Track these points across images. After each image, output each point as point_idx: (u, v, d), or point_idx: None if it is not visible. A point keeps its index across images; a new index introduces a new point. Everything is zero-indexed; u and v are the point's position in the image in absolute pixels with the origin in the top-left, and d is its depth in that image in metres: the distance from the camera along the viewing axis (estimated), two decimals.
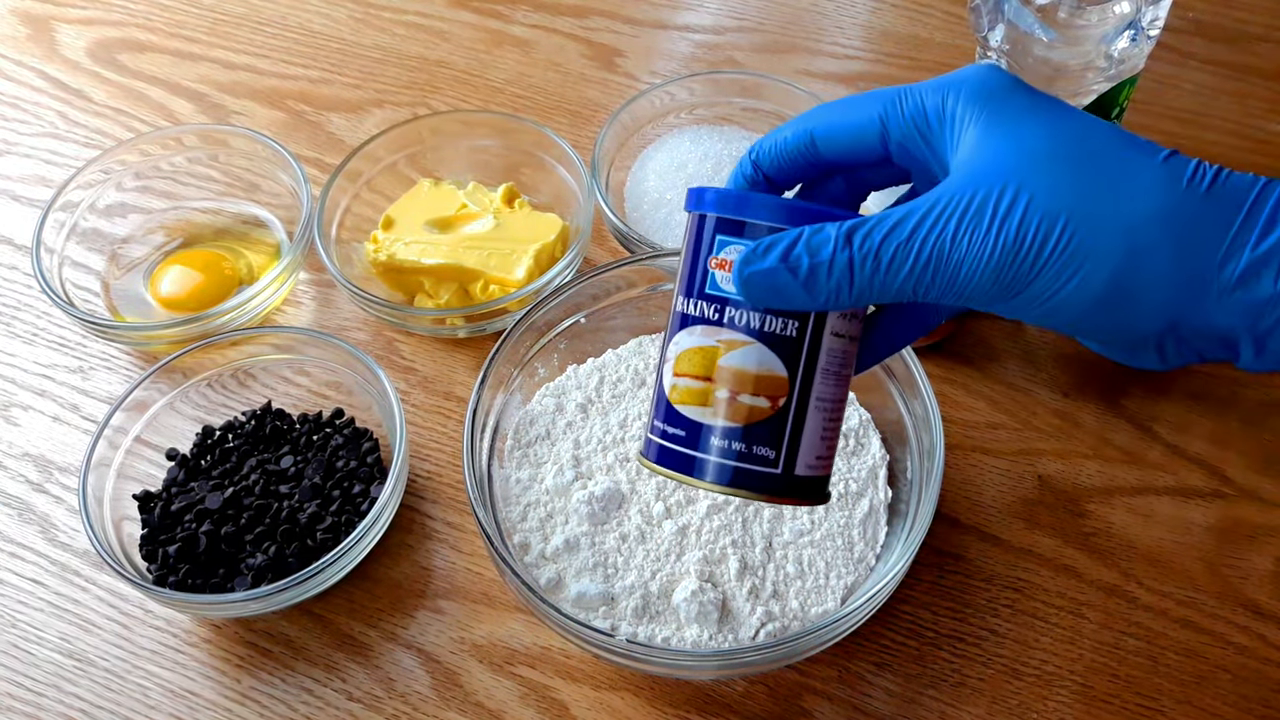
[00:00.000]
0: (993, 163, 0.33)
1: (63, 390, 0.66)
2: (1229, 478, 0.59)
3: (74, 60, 0.85)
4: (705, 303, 0.38)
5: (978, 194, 0.33)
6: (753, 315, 0.38)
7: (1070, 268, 0.32)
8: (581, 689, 0.53)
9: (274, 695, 0.54)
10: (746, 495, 0.39)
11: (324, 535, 0.55)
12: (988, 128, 0.34)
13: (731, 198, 0.38)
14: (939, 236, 0.33)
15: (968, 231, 0.32)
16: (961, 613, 0.55)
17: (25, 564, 0.59)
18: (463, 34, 0.85)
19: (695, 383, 0.38)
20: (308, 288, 0.70)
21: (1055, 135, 0.33)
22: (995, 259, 0.32)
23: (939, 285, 0.33)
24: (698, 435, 0.39)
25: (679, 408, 0.39)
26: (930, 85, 0.37)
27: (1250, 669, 0.52)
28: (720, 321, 0.38)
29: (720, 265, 0.37)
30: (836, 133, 0.38)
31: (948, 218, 0.33)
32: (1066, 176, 0.32)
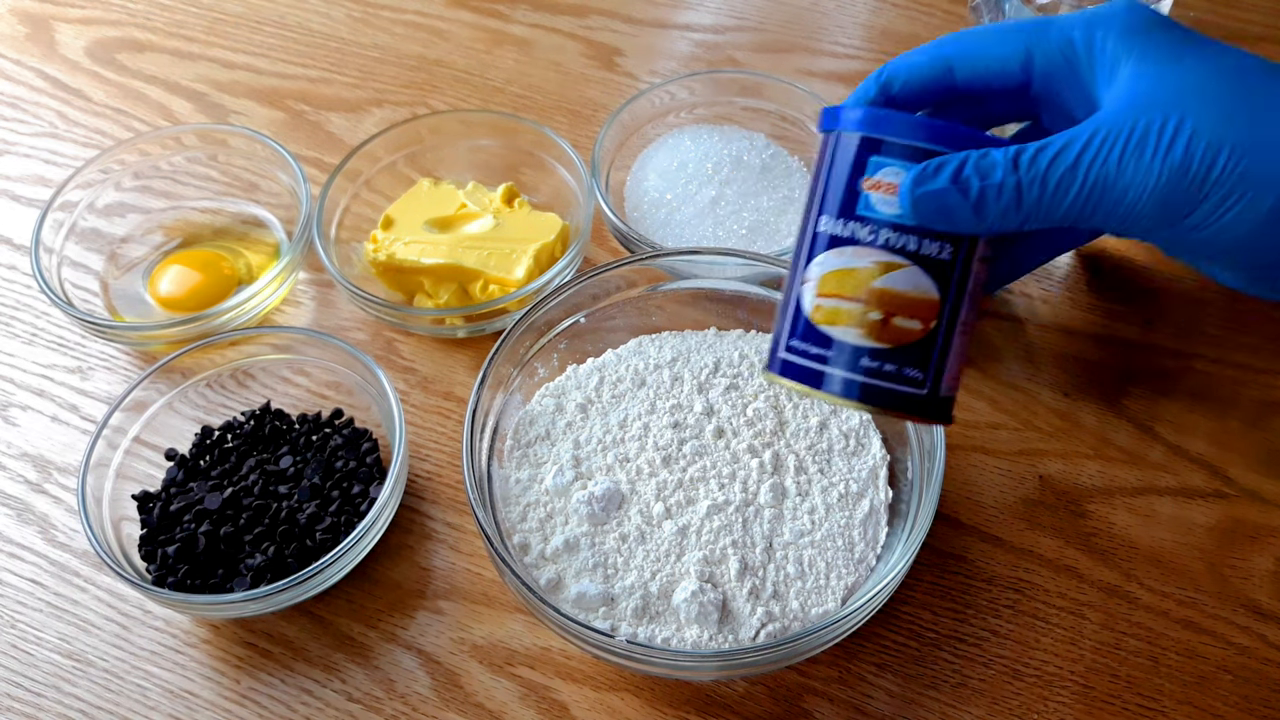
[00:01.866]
0: (1152, 94, 0.34)
1: (61, 390, 0.66)
2: (1230, 478, 0.58)
3: (73, 60, 0.85)
4: (857, 224, 0.38)
5: (1138, 123, 0.34)
6: (909, 238, 0.38)
7: (1236, 193, 0.32)
8: (581, 689, 0.53)
9: (273, 696, 0.54)
10: (890, 413, 0.40)
11: (323, 536, 0.55)
12: (1143, 61, 0.35)
13: (883, 118, 0.37)
14: (1104, 162, 0.34)
15: (1132, 158, 0.33)
16: (962, 613, 0.55)
17: (24, 564, 0.59)
18: (462, 33, 0.85)
19: (844, 303, 0.38)
20: (307, 287, 0.70)
21: (1212, 68, 0.34)
22: (1160, 185, 0.33)
23: (1103, 210, 0.34)
24: (845, 354, 0.39)
25: (823, 328, 0.39)
26: (1076, 19, 0.37)
27: (1251, 669, 0.52)
28: (874, 243, 0.38)
29: (875, 187, 0.37)
30: (976, 60, 0.38)
31: (1111, 144, 0.34)
32: (1228, 107, 0.33)
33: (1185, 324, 0.65)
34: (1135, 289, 0.67)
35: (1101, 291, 0.66)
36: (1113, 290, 0.67)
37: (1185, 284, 0.67)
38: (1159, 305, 0.66)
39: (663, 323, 0.61)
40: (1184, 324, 0.65)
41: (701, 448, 0.55)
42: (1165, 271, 0.67)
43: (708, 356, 0.59)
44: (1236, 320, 0.65)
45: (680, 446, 0.55)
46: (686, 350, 0.60)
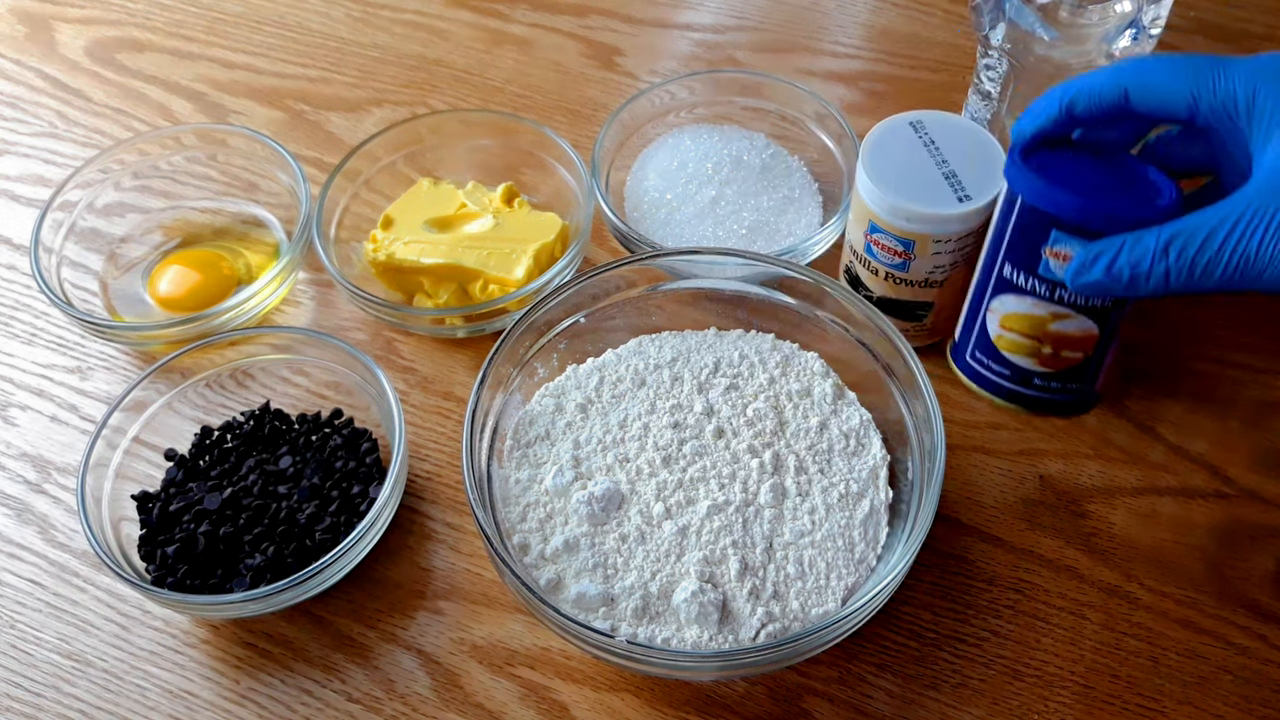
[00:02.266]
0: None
1: (61, 390, 0.66)
2: (1230, 478, 0.58)
3: (73, 60, 0.85)
4: (1037, 281, 0.46)
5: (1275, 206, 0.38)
6: (1079, 297, 0.47)
7: None
8: (581, 690, 0.53)
9: (273, 696, 0.54)
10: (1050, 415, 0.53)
11: (323, 536, 0.55)
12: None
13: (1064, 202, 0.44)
14: (1244, 248, 0.38)
15: (1272, 244, 0.38)
16: (963, 614, 0.55)
17: (23, 565, 0.59)
18: (462, 33, 0.85)
19: (1022, 338, 0.49)
20: (306, 287, 0.70)
21: None
22: None
23: (1244, 283, 0.39)
24: (1020, 374, 0.50)
25: (1005, 353, 0.50)
26: (1243, 69, 0.41)
27: (1251, 669, 0.52)
28: (1050, 298, 0.47)
29: (1054, 255, 0.45)
30: (1149, 93, 0.42)
31: (1253, 230, 0.38)
32: None
33: (1185, 324, 0.65)
34: None
35: None
36: None
37: None
38: (1159, 305, 0.65)
39: (663, 323, 0.61)
40: (1184, 324, 0.65)
41: (701, 448, 0.55)
42: None
43: (708, 356, 0.59)
44: (1237, 320, 0.65)
45: (680, 446, 0.55)
46: (686, 350, 0.60)
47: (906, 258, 0.57)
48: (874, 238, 0.57)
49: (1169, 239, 0.40)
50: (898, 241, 0.56)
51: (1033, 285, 0.48)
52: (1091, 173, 0.46)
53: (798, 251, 0.64)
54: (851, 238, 0.60)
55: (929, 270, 0.57)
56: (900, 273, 0.58)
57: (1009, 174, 0.47)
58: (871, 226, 0.57)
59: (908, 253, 0.56)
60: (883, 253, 0.57)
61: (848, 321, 0.57)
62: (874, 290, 0.60)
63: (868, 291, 0.60)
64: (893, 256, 0.57)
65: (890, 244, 0.56)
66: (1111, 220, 0.43)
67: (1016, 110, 0.60)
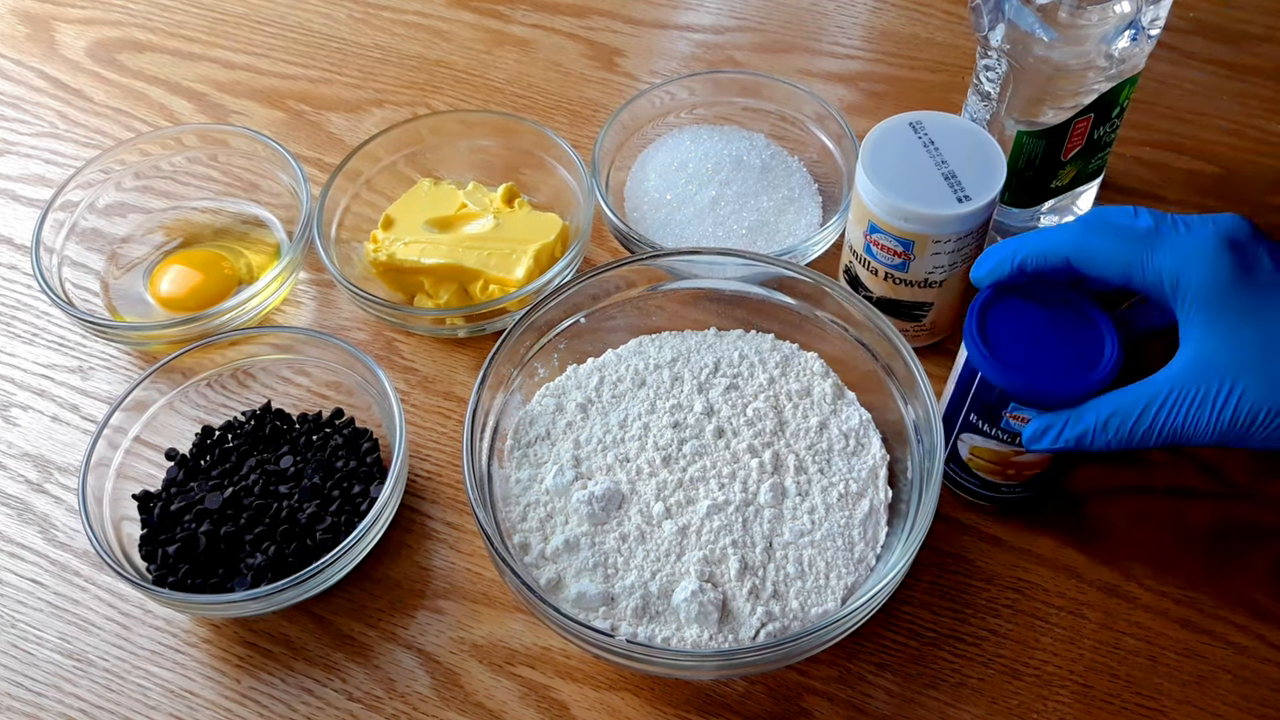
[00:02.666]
0: (1214, 361, 0.45)
1: (62, 390, 0.66)
2: (1229, 478, 0.59)
3: (74, 60, 0.85)
4: (1000, 430, 0.52)
5: (1201, 389, 0.45)
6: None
7: (1274, 436, 0.45)
8: (582, 689, 0.53)
9: (274, 695, 0.54)
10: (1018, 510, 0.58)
11: (324, 535, 0.55)
12: (1211, 328, 0.45)
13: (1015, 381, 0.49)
14: (1171, 422, 0.46)
15: (1194, 419, 0.45)
16: (961, 613, 0.55)
17: (25, 564, 0.59)
18: (462, 33, 0.85)
19: (990, 464, 0.54)
20: (307, 287, 0.70)
21: (1265, 340, 0.45)
22: (1214, 437, 0.45)
23: (1172, 445, 0.46)
24: (990, 487, 0.56)
25: (976, 471, 0.55)
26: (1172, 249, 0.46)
27: (1250, 669, 0.52)
28: (1012, 443, 0.52)
29: (1013, 417, 0.51)
30: (1089, 263, 0.48)
31: (1179, 407, 0.45)
32: (1273, 375, 0.44)
33: None
34: None
35: None
36: None
37: None
38: None
39: (663, 323, 0.61)
40: None
41: (701, 448, 0.55)
42: None
43: (708, 356, 0.59)
44: None
45: (680, 446, 0.55)
46: (686, 350, 0.60)
47: (906, 258, 0.57)
48: (873, 238, 0.57)
49: (1107, 417, 0.47)
50: (897, 242, 0.56)
51: (996, 433, 0.53)
52: (1043, 337, 0.50)
53: (798, 252, 0.64)
54: (851, 238, 0.60)
55: (928, 270, 0.57)
56: (900, 273, 0.58)
57: (969, 347, 0.50)
58: (871, 227, 0.57)
59: (907, 253, 0.56)
60: (882, 253, 0.58)
61: (847, 321, 0.57)
62: (874, 290, 0.60)
63: (867, 292, 0.61)
64: (892, 257, 0.57)
65: (890, 244, 0.57)
66: (1058, 399, 0.49)
67: (1016, 111, 0.60)
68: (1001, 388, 0.50)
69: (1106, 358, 0.49)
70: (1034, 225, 0.66)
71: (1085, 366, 0.49)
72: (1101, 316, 0.51)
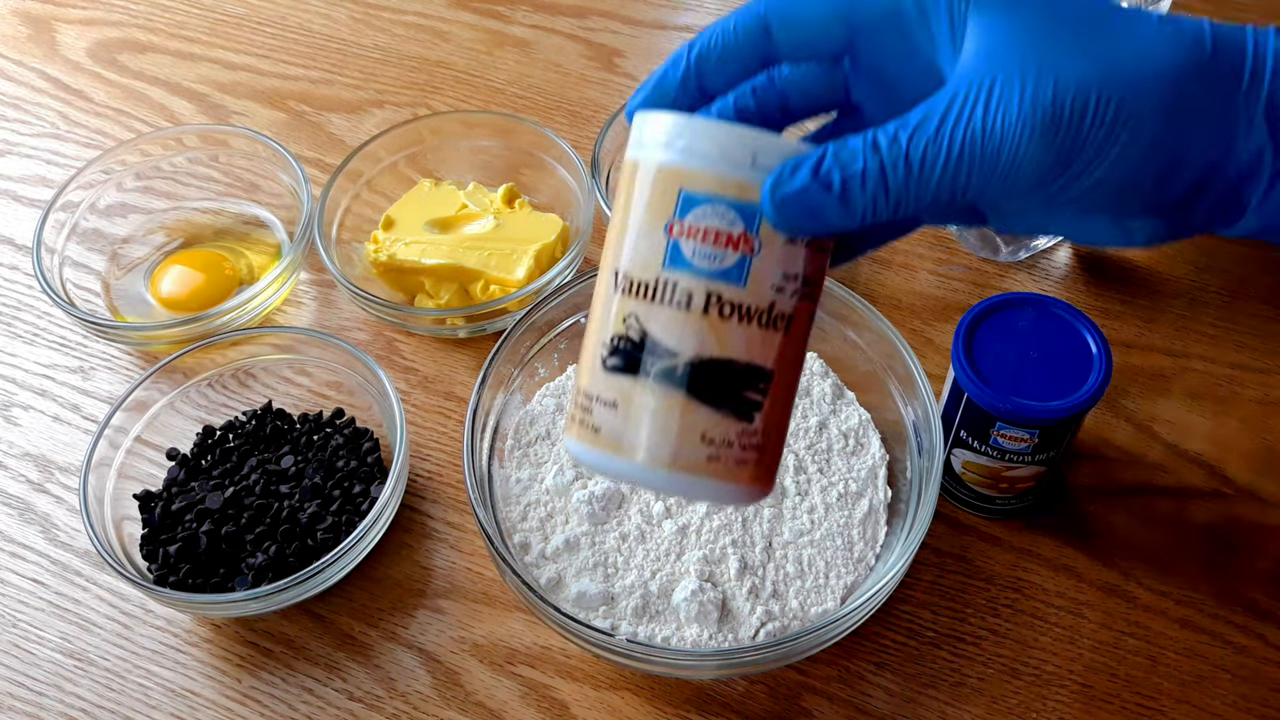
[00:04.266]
0: (1006, 43, 0.32)
1: (63, 390, 0.66)
2: (1228, 477, 0.59)
3: (75, 61, 0.85)
4: (989, 447, 0.50)
5: (998, 78, 0.31)
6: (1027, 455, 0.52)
7: (1117, 125, 0.31)
8: (582, 688, 0.53)
9: (274, 695, 0.54)
10: (1013, 519, 0.57)
11: (324, 535, 0.55)
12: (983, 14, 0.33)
13: (1000, 403, 0.48)
14: (969, 125, 0.31)
15: (998, 113, 0.31)
16: (961, 612, 0.55)
17: (26, 564, 0.59)
18: (463, 34, 0.85)
19: (982, 478, 0.54)
20: (308, 288, 0.71)
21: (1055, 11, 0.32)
22: (1035, 137, 0.31)
23: (981, 174, 0.31)
24: (984, 499, 0.56)
25: (968, 484, 0.55)
26: None
27: (1249, 668, 0.52)
28: (1002, 458, 0.51)
29: (1001, 436, 0.50)
30: (795, 17, 0.35)
31: (973, 104, 0.31)
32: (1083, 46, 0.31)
33: (1183, 324, 0.65)
34: (1134, 289, 0.67)
35: (1100, 292, 0.67)
36: (1112, 290, 0.67)
37: (1184, 284, 0.67)
38: (1158, 305, 0.66)
39: None
40: (1182, 324, 0.65)
41: None
42: (1164, 272, 0.67)
43: None
44: (1234, 320, 0.65)
45: None
46: None
47: (747, 250, 0.33)
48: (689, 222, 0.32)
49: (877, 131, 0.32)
50: (735, 213, 0.32)
51: (986, 449, 0.52)
52: (1031, 354, 0.49)
53: None
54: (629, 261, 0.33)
55: (777, 283, 0.33)
56: (732, 287, 0.32)
57: (955, 368, 0.50)
58: (685, 200, 0.33)
59: (748, 238, 0.33)
60: (704, 246, 0.32)
61: (847, 322, 0.57)
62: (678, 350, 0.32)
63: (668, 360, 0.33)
64: (723, 251, 0.32)
65: (720, 224, 0.32)
66: (1045, 419, 0.48)
67: None
68: (986, 409, 0.50)
69: (1095, 374, 0.49)
70: None
71: (1073, 384, 0.49)
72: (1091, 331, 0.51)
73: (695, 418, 0.33)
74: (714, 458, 0.33)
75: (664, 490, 0.35)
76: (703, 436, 0.33)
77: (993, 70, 0.31)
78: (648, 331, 0.33)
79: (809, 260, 0.34)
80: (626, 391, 0.33)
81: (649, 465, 0.33)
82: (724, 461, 0.33)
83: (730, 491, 0.34)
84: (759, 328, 0.33)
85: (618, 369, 0.33)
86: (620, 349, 0.33)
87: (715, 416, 0.33)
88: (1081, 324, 0.51)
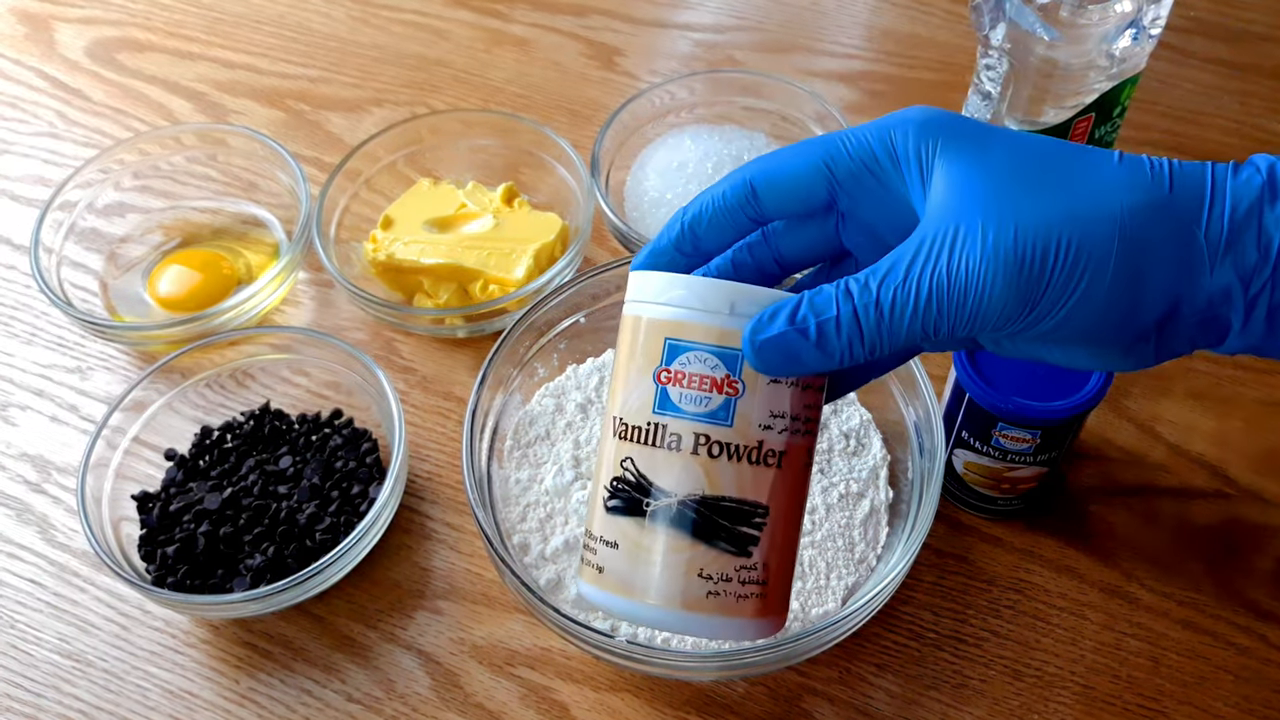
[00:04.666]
0: (968, 194, 0.33)
1: (61, 390, 0.66)
2: (1231, 478, 0.58)
3: (72, 59, 0.85)
4: (991, 448, 0.50)
5: (962, 225, 0.33)
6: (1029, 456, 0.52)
7: (1079, 268, 0.32)
8: (582, 690, 0.53)
9: (273, 696, 0.54)
10: (1015, 520, 0.57)
11: (323, 536, 0.55)
12: (949, 159, 0.34)
13: (1002, 404, 0.47)
14: (935, 271, 0.33)
15: (962, 261, 0.32)
16: (963, 614, 0.55)
17: (24, 564, 0.59)
18: (462, 33, 0.85)
19: (984, 479, 0.54)
20: (306, 287, 0.70)
21: (1017, 157, 0.34)
22: (999, 282, 0.32)
23: (949, 317, 0.33)
24: (985, 500, 0.56)
25: (971, 485, 0.55)
26: (871, 127, 0.36)
27: (1252, 670, 0.52)
28: (1004, 459, 0.51)
29: (1003, 436, 0.49)
30: (778, 179, 0.37)
31: (939, 252, 0.33)
32: (1043, 191, 0.33)
33: None
34: None
35: None
36: None
37: None
38: None
39: None
40: None
41: None
42: None
43: None
44: None
45: None
46: None
47: (731, 392, 0.35)
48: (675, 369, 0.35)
49: (848, 279, 0.34)
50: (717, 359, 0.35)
51: (987, 450, 0.52)
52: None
53: None
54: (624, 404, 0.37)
55: (763, 421, 0.35)
56: (719, 428, 0.35)
57: (957, 369, 0.50)
58: (670, 349, 0.35)
59: (732, 381, 0.35)
60: (690, 391, 0.35)
61: None
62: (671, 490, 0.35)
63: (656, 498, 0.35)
64: (708, 394, 0.35)
65: (703, 369, 0.35)
66: (1046, 420, 0.49)
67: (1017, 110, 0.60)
68: (987, 410, 0.50)
69: (1097, 374, 0.49)
70: None
71: (1075, 384, 0.49)
72: None
73: (692, 555, 0.35)
74: (714, 594, 0.35)
75: (672, 630, 0.37)
76: (701, 572, 0.35)
77: (958, 217, 0.33)
78: (642, 473, 0.35)
79: (796, 399, 0.36)
80: (626, 532, 0.35)
81: (652, 604, 0.35)
82: (725, 597, 0.35)
83: (738, 627, 0.35)
84: (749, 465, 0.35)
85: (618, 510, 0.36)
86: (619, 491, 0.36)
87: (711, 553, 0.35)
88: None
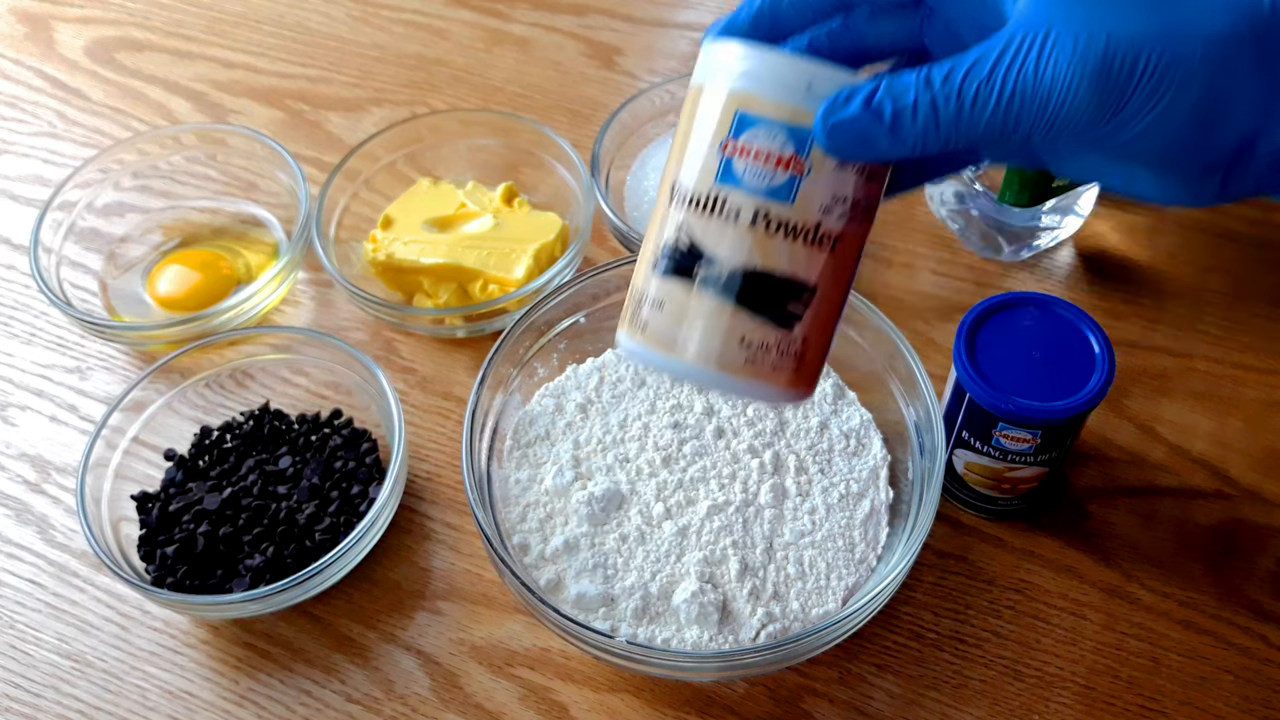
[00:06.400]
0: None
1: (60, 390, 0.66)
2: (1231, 478, 0.58)
3: (72, 59, 0.85)
4: (991, 448, 0.50)
5: (1054, 28, 0.32)
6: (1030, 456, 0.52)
7: (1163, 85, 0.32)
8: (581, 690, 0.53)
9: (272, 697, 0.54)
10: (1015, 520, 0.57)
11: (322, 536, 0.55)
12: None
13: (1002, 404, 0.48)
14: (1021, 69, 0.32)
15: (1050, 62, 0.32)
16: (963, 614, 0.54)
17: (23, 565, 0.59)
18: (461, 32, 0.85)
19: (984, 479, 0.54)
20: (306, 287, 0.70)
21: None
22: (1084, 88, 0.32)
23: (1026, 120, 0.33)
24: (986, 500, 0.56)
25: (971, 485, 0.56)
26: None
27: (1252, 670, 0.52)
28: (1005, 460, 0.51)
29: (1003, 436, 0.49)
30: None
31: (1026, 50, 0.32)
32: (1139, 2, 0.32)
33: (1185, 324, 0.65)
34: (1137, 289, 0.66)
35: (1103, 292, 0.66)
36: (1113, 290, 0.66)
37: (1186, 284, 0.66)
38: (1161, 305, 0.65)
39: None
40: (1184, 324, 0.65)
41: (701, 448, 0.55)
42: (1166, 272, 0.67)
43: None
44: (1237, 320, 0.65)
45: (680, 447, 0.55)
46: None
47: (797, 171, 0.35)
48: (741, 143, 0.35)
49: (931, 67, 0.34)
50: (786, 135, 0.34)
51: (988, 450, 0.52)
52: (1033, 355, 0.50)
53: None
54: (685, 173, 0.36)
55: (825, 204, 0.35)
56: (780, 205, 0.35)
57: (957, 368, 0.50)
58: (740, 121, 0.35)
59: (799, 160, 0.35)
60: (755, 165, 0.35)
61: (848, 321, 0.57)
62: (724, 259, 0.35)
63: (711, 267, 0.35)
64: (773, 171, 0.35)
65: (771, 145, 0.35)
66: (1047, 419, 0.49)
67: None
68: (990, 411, 0.50)
69: (1098, 374, 0.49)
70: (1035, 225, 0.66)
71: (1076, 384, 0.49)
72: (1094, 331, 0.51)
73: (736, 322, 0.35)
74: (751, 361, 0.36)
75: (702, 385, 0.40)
76: (742, 340, 0.36)
77: (1049, 19, 0.32)
78: (697, 241, 0.35)
79: (860, 186, 0.36)
80: (674, 294, 0.36)
81: (690, 361, 0.36)
82: (760, 365, 0.36)
83: (764, 390, 0.36)
84: (804, 244, 0.35)
85: (668, 272, 0.36)
86: (671, 255, 0.36)
87: (755, 323, 0.36)
88: (1084, 324, 0.51)
